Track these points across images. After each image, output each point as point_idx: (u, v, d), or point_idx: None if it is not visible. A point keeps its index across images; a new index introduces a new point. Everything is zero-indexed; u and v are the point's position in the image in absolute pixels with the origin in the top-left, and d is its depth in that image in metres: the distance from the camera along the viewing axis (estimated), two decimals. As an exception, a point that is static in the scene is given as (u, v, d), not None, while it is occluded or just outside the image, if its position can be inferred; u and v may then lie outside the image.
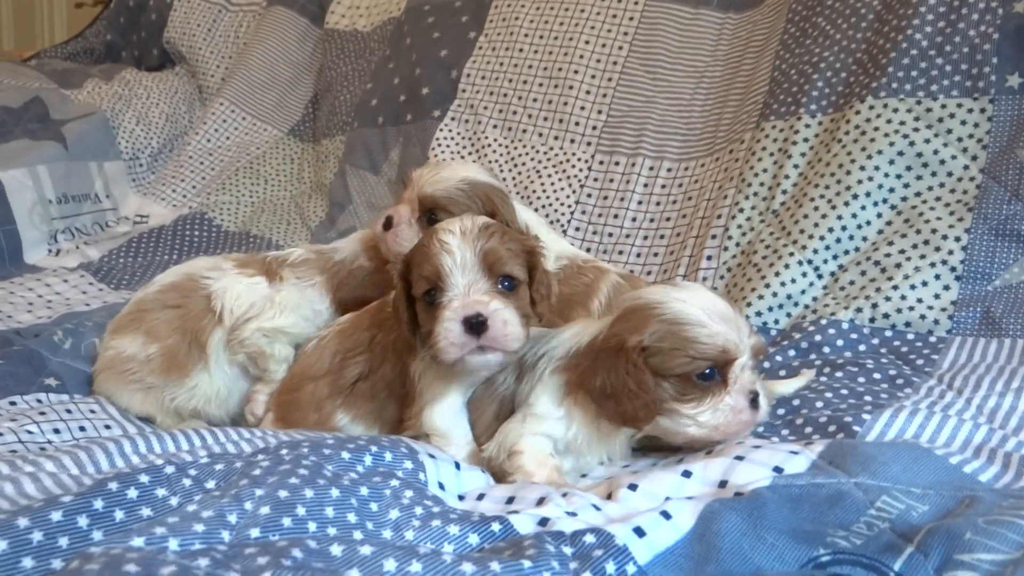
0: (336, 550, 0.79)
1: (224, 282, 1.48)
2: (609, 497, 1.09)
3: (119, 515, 0.88)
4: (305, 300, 1.52)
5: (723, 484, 1.03)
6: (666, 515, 0.91)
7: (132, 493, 0.90)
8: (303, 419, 1.39)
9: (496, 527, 0.95)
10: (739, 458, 1.07)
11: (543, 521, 0.97)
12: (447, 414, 1.28)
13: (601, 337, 1.22)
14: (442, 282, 1.19)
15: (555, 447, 1.25)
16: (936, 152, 1.69)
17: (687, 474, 1.07)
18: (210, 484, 0.96)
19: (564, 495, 1.08)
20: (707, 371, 1.15)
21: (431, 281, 1.19)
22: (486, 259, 1.19)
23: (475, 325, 1.17)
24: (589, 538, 0.87)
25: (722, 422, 1.16)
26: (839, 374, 1.44)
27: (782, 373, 1.53)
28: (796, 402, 1.35)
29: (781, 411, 1.33)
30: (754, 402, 1.17)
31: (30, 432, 1.29)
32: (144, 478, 0.93)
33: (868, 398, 1.33)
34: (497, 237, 1.21)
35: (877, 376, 1.42)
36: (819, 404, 1.33)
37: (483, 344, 1.18)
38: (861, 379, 1.42)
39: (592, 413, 1.23)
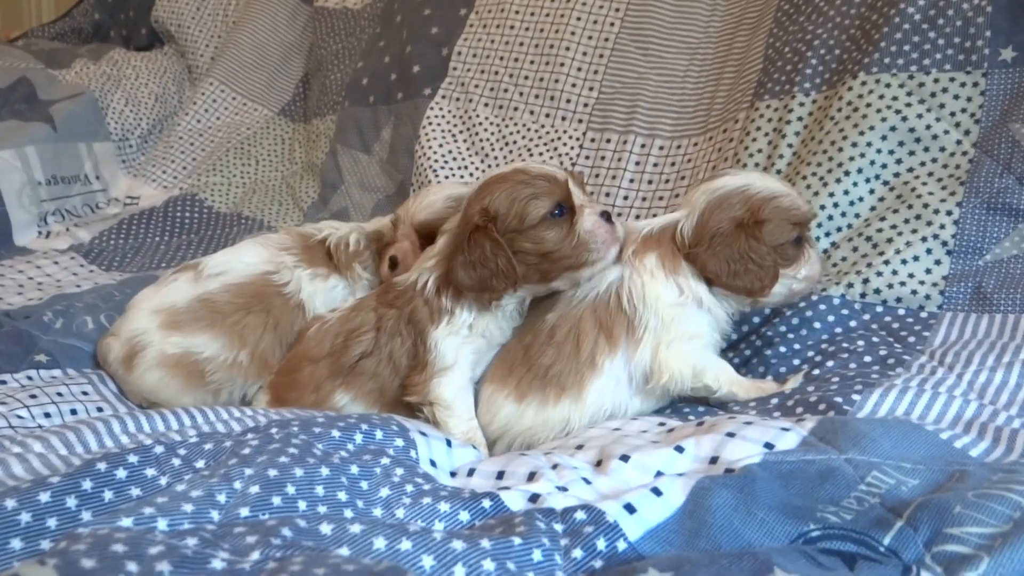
0: (326, 528, 0.79)
1: (307, 289, 1.51)
2: (599, 465, 1.09)
3: (108, 495, 0.88)
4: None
5: (714, 460, 1.03)
6: (657, 491, 0.91)
7: (121, 473, 0.90)
8: (299, 399, 1.40)
9: (487, 504, 0.96)
10: (730, 435, 1.07)
11: (533, 497, 0.97)
12: (455, 386, 1.33)
13: (697, 225, 1.35)
14: (568, 195, 1.31)
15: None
16: (928, 127, 1.68)
17: (679, 449, 1.08)
18: (199, 464, 0.96)
19: (554, 467, 1.08)
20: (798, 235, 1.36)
21: (558, 195, 1.30)
22: (573, 176, 1.35)
23: (608, 215, 1.34)
24: (580, 515, 0.87)
25: (816, 271, 1.41)
26: (830, 363, 1.43)
27: (769, 352, 1.53)
28: (788, 390, 1.35)
29: (775, 400, 1.33)
30: None
31: (20, 417, 1.28)
32: (133, 458, 0.92)
33: (859, 379, 1.33)
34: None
35: (868, 359, 1.42)
36: (810, 387, 1.33)
37: (618, 235, 1.34)
38: (852, 365, 1.41)
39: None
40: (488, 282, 1.29)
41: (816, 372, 1.43)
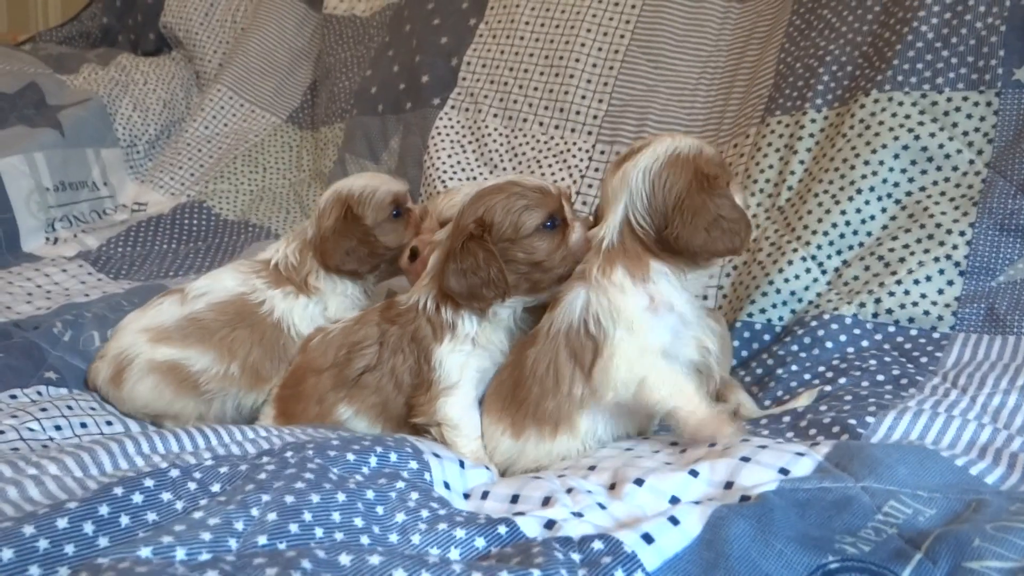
0: (345, 559, 0.79)
1: (281, 306, 1.54)
2: (613, 488, 1.09)
3: (125, 520, 0.87)
4: (343, 295, 1.59)
5: (729, 486, 1.03)
6: (674, 520, 0.91)
7: (137, 498, 0.90)
8: (304, 412, 1.40)
9: (502, 530, 0.95)
10: (745, 459, 1.06)
11: (549, 524, 0.96)
12: (461, 405, 1.33)
13: (651, 208, 1.27)
14: (561, 208, 1.33)
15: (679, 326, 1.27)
16: (941, 146, 1.68)
17: (694, 473, 1.07)
18: (215, 488, 0.95)
19: (569, 490, 1.08)
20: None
21: (552, 208, 1.32)
22: (564, 193, 1.37)
23: None
24: (597, 544, 0.87)
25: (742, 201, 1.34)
26: (842, 380, 1.43)
27: (781, 371, 1.53)
28: (800, 410, 1.35)
29: (787, 418, 1.33)
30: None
31: (31, 429, 1.28)
32: (149, 482, 0.92)
33: (872, 400, 1.32)
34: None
35: (880, 378, 1.42)
36: (823, 408, 1.32)
37: None
38: (865, 383, 1.41)
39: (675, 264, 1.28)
40: (478, 290, 1.29)
41: (828, 389, 1.43)
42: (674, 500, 1.03)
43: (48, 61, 2.85)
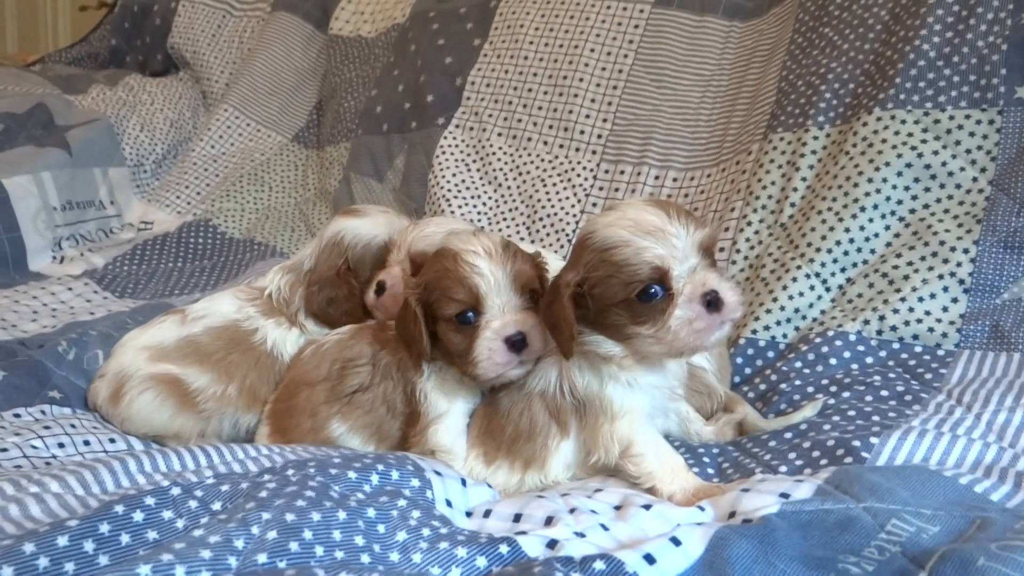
0: (344, 578, 0.79)
1: (273, 335, 1.54)
2: (619, 508, 1.09)
3: (125, 539, 0.87)
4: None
5: (732, 515, 1.02)
6: (676, 541, 0.91)
7: (138, 516, 0.90)
8: (297, 426, 1.39)
9: (504, 549, 0.95)
10: (745, 490, 1.06)
11: (552, 543, 0.96)
12: (452, 430, 1.31)
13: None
14: (479, 304, 1.23)
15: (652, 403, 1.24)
16: (944, 164, 1.68)
17: (701, 508, 1.07)
18: (216, 506, 0.95)
19: (572, 511, 1.07)
20: (648, 290, 1.12)
21: (466, 304, 1.23)
22: (517, 279, 1.23)
23: (517, 343, 1.22)
24: (599, 564, 0.87)
25: (682, 334, 1.12)
26: (846, 394, 1.43)
27: (784, 386, 1.52)
28: (803, 426, 1.34)
29: (789, 435, 1.32)
30: (712, 303, 1.12)
31: (35, 447, 1.28)
32: (150, 500, 0.92)
33: (876, 418, 1.32)
34: (520, 255, 1.26)
35: (884, 394, 1.41)
36: (826, 427, 1.32)
37: (522, 359, 1.24)
38: (868, 398, 1.40)
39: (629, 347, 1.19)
40: (408, 345, 1.30)
41: (832, 402, 1.42)
42: (678, 527, 1.03)
43: (57, 82, 2.88)
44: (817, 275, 1.69)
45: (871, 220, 1.69)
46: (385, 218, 1.64)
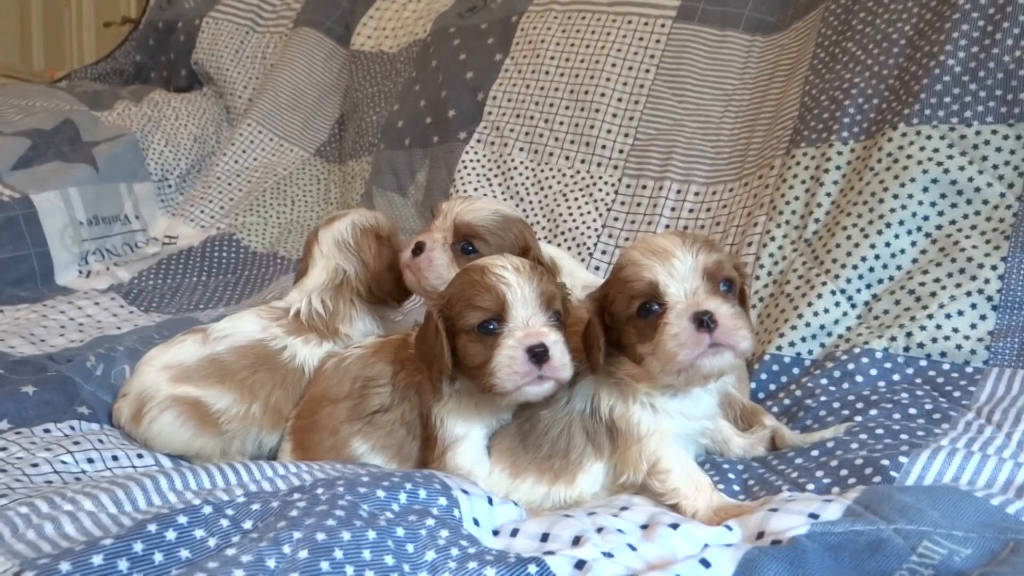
0: (376, 599, 0.79)
1: (302, 352, 1.54)
2: (646, 528, 1.09)
3: (158, 558, 0.88)
4: (364, 335, 1.58)
5: (760, 535, 1.02)
6: (705, 563, 0.90)
7: (171, 535, 0.91)
8: (319, 443, 1.39)
9: (532, 569, 0.95)
10: (773, 510, 1.06)
11: (580, 564, 0.96)
12: (471, 453, 1.30)
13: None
14: (504, 312, 1.22)
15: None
16: (971, 179, 1.67)
17: (728, 527, 1.07)
18: (247, 524, 0.96)
19: (599, 530, 1.07)
20: (646, 305, 1.19)
21: (491, 311, 1.22)
22: (543, 295, 1.23)
23: (538, 354, 1.21)
24: (629, 586, 0.86)
25: (669, 347, 1.15)
26: (873, 412, 1.42)
27: (810, 402, 1.51)
28: (830, 443, 1.33)
29: (815, 452, 1.31)
30: (704, 323, 1.14)
31: (64, 462, 1.29)
32: (182, 519, 0.93)
33: (904, 436, 1.31)
34: (545, 277, 1.27)
35: (913, 411, 1.40)
36: (854, 445, 1.31)
37: (543, 374, 1.22)
38: (896, 415, 1.39)
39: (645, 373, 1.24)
40: (428, 362, 1.29)
41: (858, 419, 1.41)
42: (707, 547, 1.02)
43: (83, 98, 2.93)
44: (843, 291, 1.68)
45: (897, 236, 1.68)
46: (361, 210, 1.71)
